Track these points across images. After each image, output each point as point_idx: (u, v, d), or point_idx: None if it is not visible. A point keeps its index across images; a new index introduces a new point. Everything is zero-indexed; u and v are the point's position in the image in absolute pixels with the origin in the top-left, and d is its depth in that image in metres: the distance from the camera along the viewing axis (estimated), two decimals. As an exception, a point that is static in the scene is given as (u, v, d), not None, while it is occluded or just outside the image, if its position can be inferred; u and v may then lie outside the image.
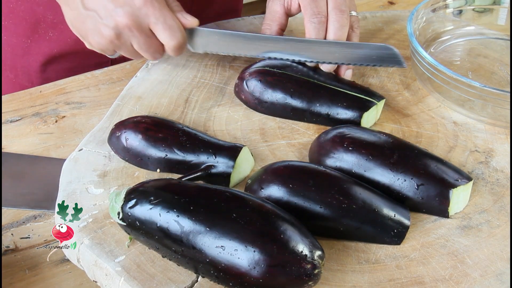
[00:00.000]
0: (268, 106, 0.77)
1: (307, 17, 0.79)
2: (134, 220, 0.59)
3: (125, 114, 0.77)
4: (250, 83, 0.78)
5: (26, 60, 1.00)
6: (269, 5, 0.85)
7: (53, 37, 0.97)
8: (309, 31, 0.79)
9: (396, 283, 0.60)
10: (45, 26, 0.96)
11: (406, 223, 0.64)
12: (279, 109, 0.77)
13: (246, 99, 0.79)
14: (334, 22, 0.79)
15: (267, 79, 0.77)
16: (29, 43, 0.98)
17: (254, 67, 0.79)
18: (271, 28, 0.84)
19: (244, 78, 0.78)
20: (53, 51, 0.98)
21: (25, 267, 0.67)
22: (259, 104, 0.78)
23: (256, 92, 0.77)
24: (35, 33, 0.97)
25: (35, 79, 1.01)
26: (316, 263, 0.55)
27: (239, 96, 0.80)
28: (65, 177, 0.69)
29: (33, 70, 1.00)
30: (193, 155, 0.69)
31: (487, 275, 0.60)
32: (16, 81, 1.02)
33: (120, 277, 0.59)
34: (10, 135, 0.82)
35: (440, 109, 0.80)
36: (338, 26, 0.79)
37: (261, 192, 0.63)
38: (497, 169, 0.72)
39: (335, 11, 0.79)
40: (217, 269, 0.56)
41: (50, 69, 1.00)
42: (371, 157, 0.67)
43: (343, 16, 0.79)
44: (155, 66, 0.86)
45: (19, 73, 1.01)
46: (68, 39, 0.97)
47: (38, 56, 0.99)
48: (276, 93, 0.77)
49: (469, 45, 0.91)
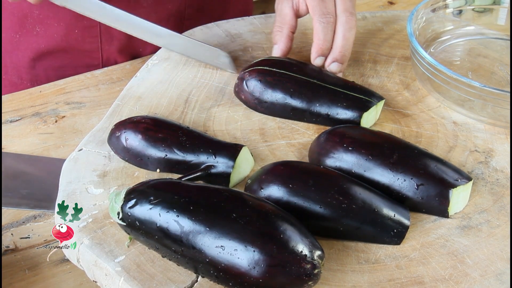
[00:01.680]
0: (268, 106, 0.77)
1: (316, 17, 0.79)
2: (134, 220, 0.59)
3: (125, 114, 0.77)
4: (250, 83, 0.78)
5: (16, 55, 1.00)
6: (279, 7, 0.85)
7: (40, 32, 0.97)
8: (317, 31, 0.79)
9: (396, 283, 0.60)
10: (32, 21, 0.96)
11: (406, 223, 0.64)
12: (279, 109, 0.77)
13: (246, 99, 0.79)
14: (344, 24, 0.80)
15: (267, 79, 0.77)
16: (18, 38, 0.98)
17: (254, 67, 0.79)
18: (282, 31, 0.84)
19: (244, 78, 0.79)
20: (41, 46, 0.98)
21: (25, 267, 0.67)
22: (259, 104, 0.78)
23: (256, 92, 0.77)
24: (23, 28, 0.97)
25: (24, 75, 1.01)
26: (316, 263, 0.55)
27: (239, 96, 0.80)
28: (65, 177, 0.69)
29: (22, 66, 1.00)
30: (193, 155, 0.69)
31: (487, 275, 0.60)
32: (6, 77, 1.02)
33: (120, 277, 0.59)
34: (10, 135, 0.82)
35: (440, 109, 0.80)
36: (348, 28, 0.80)
37: (261, 192, 0.63)
38: (497, 169, 0.72)
39: (346, 13, 0.80)
40: (217, 269, 0.56)
41: (39, 66, 1.00)
42: (371, 157, 0.67)
43: (352, 18, 0.80)
44: (155, 66, 0.86)
45: (8, 69, 1.01)
46: (55, 35, 0.97)
47: (27, 51, 0.99)
48: (275, 93, 0.77)
49: (469, 45, 0.91)
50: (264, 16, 0.98)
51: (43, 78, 1.00)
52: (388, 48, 0.92)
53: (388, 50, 0.91)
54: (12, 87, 1.01)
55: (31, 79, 1.01)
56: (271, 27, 0.94)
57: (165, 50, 0.89)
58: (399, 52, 0.91)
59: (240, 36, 0.93)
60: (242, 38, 0.92)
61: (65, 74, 0.96)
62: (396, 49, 0.91)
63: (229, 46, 0.90)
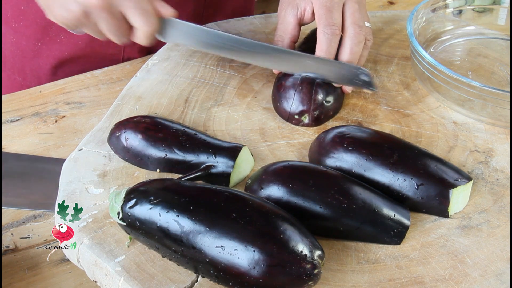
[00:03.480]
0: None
1: (321, 27, 0.77)
2: (134, 220, 0.59)
3: (125, 114, 0.77)
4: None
5: (36, 62, 0.99)
6: (282, 15, 0.82)
7: (64, 39, 0.97)
8: (320, 41, 0.77)
9: (396, 283, 0.60)
10: (56, 28, 0.96)
11: (406, 223, 0.64)
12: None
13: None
14: (352, 38, 0.77)
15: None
16: (39, 45, 0.97)
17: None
18: (283, 41, 0.81)
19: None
20: (64, 53, 0.98)
21: (25, 267, 0.67)
22: None
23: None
24: (45, 36, 0.97)
25: (44, 81, 1.00)
26: (316, 263, 0.55)
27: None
28: (65, 177, 0.69)
29: (43, 73, 1.00)
30: (193, 155, 0.69)
31: (487, 275, 0.60)
32: (24, 83, 1.01)
33: (120, 277, 0.59)
34: (10, 135, 0.82)
35: (440, 109, 0.80)
36: (356, 42, 0.77)
37: (261, 192, 0.63)
38: (497, 169, 0.72)
39: (354, 26, 0.77)
40: (217, 269, 0.56)
41: (61, 72, 0.99)
42: (371, 157, 0.67)
43: (361, 32, 0.77)
44: (155, 66, 0.86)
45: (28, 76, 1.01)
46: (79, 42, 0.96)
47: (49, 59, 0.98)
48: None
49: (469, 45, 0.91)
50: (264, 16, 0.98)
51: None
52: (388, 48, 0.92)
53: (388, 50, 0.91)
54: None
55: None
56: (271, 27, 0.94)
57: (165, 50, 0.89)
58: (399, 52, 0.91)
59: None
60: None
61: None
62: (396, 49, 0.91)
63: (229, 46, 0.90)
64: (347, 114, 0.79)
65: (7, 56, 1.01)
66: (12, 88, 1.02)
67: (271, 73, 0.85)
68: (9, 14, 0.97)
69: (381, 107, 0.80)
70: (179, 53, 0.89)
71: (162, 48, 0.90)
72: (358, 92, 0.83)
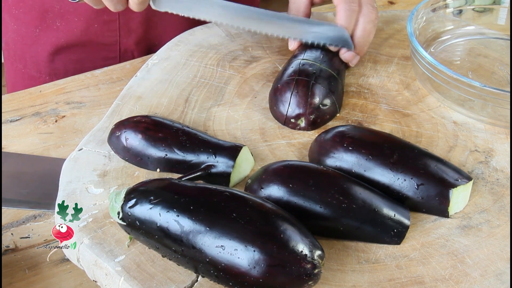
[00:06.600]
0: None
1: (342, 4, 0.80)
2: (134, 220, 0.59)
3: (125, 114, 0.77)
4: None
5: (35, 49, 1.01)
6: None
7: (60, 26, 0.98)
8: (341, 17, 0.80)
9: (396, 282, 0.60)
10: (53, 15, 0.97)
11: (406, 222, 0.64)
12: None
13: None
14: (366, 16, 0.80)
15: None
16: (38, 32, 0.99)
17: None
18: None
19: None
20: (61, 40, 0.99)
21: (25, 267, 0.67)
22: None
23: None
24: (43, 23, 0.98)
25: (43, 68, 1.01)
26: (316, 263, 0.55)
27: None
28: (65, 177, 0.69)
29: (42, 60, 1.01)
30: (193, 155, 0.69)
31: (487, 275, 0.60)
32: (25, 71, 1.03)
33: (120, 277, 0.59)
34: (10, 135, 0.82)
35: (440, 109, 0.80)
36: (368, 20, 0.81)
37: (261, 192, 0.63)
38: (497, 169, 0.72)
39: (368, 6, 0.81)
40: (217, 269, 0.56)
41: (58, 59, 1.01)
42: (371, 157, 0.67)
43: (373, 11, 0.81)
44: (155, 66, 0.86)
45: (28, 62, 1.02)
46: (75, 29, 0.98)
47: (46, 45, 1.00)
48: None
49: (469, 45, 0.91)
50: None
51: (61, 71, 1.00)
52: (388, 47, 0.92)
53: (388, 50, 0.91)
54: (31, 81, 1.02)
55: (49, 73, 1.02)
56: (271, 27, 0.94)
57: (165, 50, 0.89)
58: (399, 52, 0.91)
59: (240, 36, 0.93)
60: (242, 38, 0.92)
61: (83, 67, 0.97)
62: (396, 49, 0.91)
63: (229, 45, 0.90)
64: (347, 114, 0.79)
65: (9, 43, 1.03)
66: (15, 76, 1.03)
67: (271, 73, 0.85)
68: (10, 1, 0.98)
69: (381, 107, 0.80)
70: (179, 53, 0.89)
71: (162, 48, 0.90)
72: (358, 92, 0.83)
